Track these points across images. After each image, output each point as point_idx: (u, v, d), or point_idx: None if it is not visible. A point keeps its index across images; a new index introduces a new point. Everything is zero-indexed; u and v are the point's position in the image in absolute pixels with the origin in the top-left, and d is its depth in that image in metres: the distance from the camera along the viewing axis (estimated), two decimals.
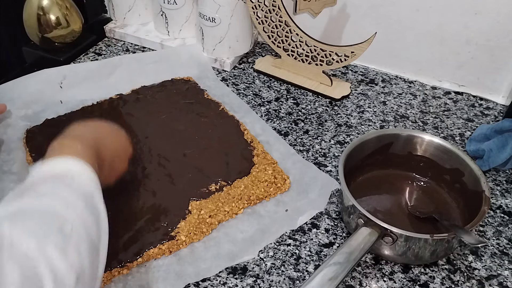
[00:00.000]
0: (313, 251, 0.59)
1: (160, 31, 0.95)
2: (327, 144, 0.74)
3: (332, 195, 0.65)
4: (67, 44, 0.91)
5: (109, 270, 0.54)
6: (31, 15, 0.86)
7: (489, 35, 0.78)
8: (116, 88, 0.81)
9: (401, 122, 0.79)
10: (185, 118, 0.76)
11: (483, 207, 0.54)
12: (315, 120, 0.78)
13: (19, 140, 0.71)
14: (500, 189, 0.67)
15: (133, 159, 0.68)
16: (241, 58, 0.92)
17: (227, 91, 0.83)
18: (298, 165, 0.69)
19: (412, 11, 0.81)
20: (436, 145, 0.64)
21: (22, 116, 0.75)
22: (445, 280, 0.56)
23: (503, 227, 0.62)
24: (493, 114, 0.81)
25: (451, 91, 0.85)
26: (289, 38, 0.82)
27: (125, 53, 0.93)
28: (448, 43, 0.81)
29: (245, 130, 0.73)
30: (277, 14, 0.80)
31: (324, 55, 0.81)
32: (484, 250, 0.59)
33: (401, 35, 0.84)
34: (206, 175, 0.66)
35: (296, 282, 0.55)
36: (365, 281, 0.56)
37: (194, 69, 0.87)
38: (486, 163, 0.68)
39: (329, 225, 0.62)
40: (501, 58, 0.79)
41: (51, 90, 0.80)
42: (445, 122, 0.79)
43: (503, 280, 0.56)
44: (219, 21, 0.84)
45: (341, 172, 0.58)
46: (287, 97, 0.83)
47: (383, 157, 0.66)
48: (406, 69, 0.88)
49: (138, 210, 0.61)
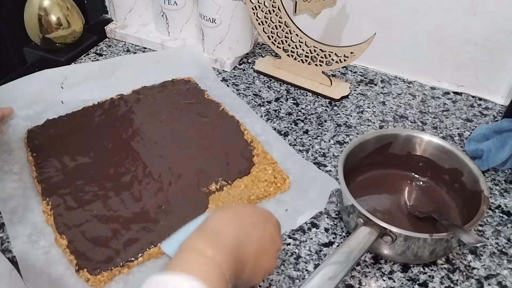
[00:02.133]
0: (313, 251, 0.59)
1: (161, 32, 0.96)
2: (327, 144, 0.74)
3: (331, 194, 0.65)
4: (68, 45, 0.91)
5: (110, 270, 0.54)
6: (32, 16, 0.86)
7: (488, 35, 0.78)
8: (117, 89, 0.82)
9: (400, 122, 0.79)
10: (186, 118, 0.76)
11: (482, 207, 0.55)
12: (315, 120, 0.79)
13: (20, 140, 0.72)
14: (499, 189, 0.68)
15: (134, 159, 0.68)
16: (241, 59, 0.92)
17: (227, 91, 0.83)
18: (298, 165, 0.69)
19: (411, 12, 0.81)
20: (435, 145, 0.64)
21: (23, 116, 0.76)
22: (444, 279, 0.56)
23: (502, 226, 0.62)
24: (492, 114, 0.81)
25: (450, 91, 0.86)
26: (289, 38, 0.82)
27: (126, 53, 0.94)
28: (447, 43, 0.82)
29: (245, 130, 0.73)
30: (277, 15, 0.81)
31: (324, 55, 0.81)
32: (483, 250, 0.59)
33: (400, 35, 0.84)
34: (206, 174, 0.66)
35: (296, 281, 0.56)
36: (365, 280, 0.56)
37: (195, 69, 0.87)
38: (485, 163, 0.68)
39: (329, 225, 0.62)
40: (500, 59, 0.79)
41: (52, 90, 0.80)
42: (444, 122, 0.79)
43: (502, 280, 0.56)
44: (220, 21, 0.84)
45: (341, 172, 0.58)
46: (287, 97, 0.83)
47: (382, 157, 0.66)
48: (405, 69, 0.88)
49: (139, 209, 0.61)
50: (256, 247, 0.46)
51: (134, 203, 0.62)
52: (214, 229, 0.44)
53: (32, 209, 0.62)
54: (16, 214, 0.61)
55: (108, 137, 0.72)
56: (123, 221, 0.60)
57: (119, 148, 0.70)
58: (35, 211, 0.62)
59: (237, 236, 0.44)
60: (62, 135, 0.72)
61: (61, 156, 0.68)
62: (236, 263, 0.42)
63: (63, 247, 0.57)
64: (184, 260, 0.40)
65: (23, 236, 0.59)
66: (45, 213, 0.61)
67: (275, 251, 0.49)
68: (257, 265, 0.46)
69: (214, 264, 0.40)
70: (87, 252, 0.56)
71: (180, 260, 0.40)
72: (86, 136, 0.72)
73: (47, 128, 0.73)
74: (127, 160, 0.68)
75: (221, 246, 0.41)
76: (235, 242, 0.43)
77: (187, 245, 0.42)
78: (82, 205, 0.61)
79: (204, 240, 0.42)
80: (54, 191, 0.63)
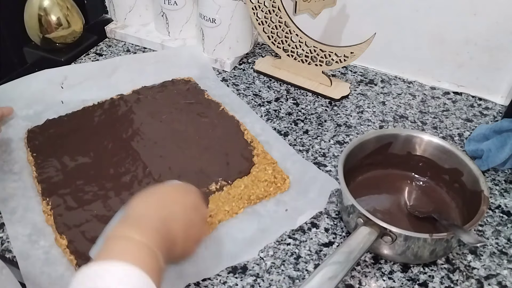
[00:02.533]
0: (313, 251, 0.59)
1: (161, 32, 0.96)
2: (327, 144, 0.74)
3: (331, 194, 0.65)
4: (68, 45, 0.91)
5: None
6: (32, 16, 0.86)
7: (488, 35, 0.78)
8: (117, 88, 0.82)
9: (400, 122, 0.79)
10: (186, 118, 0.76)
11: (482, 207, 0.55)
12: (315, 120, 0.79)
13: (20, 140, 0.72)
14: (499, 189, 0.68)
15: (134, 159, 0.68)
16: (241, 59, 0.92)
17: (227, 91, 0.83)
18: (297, 165, 0.69)
19: (412, 12, 0.81)
20: (435, 145, 0.64)
21: (23, 116, 0.76)
22: (444, 279, 0.56)
23: (502, 226, 0.62)
24: (492, 114, 0.81)
25: (450, 91, 0.86)
26: (289, 38, 0.82)
27: (126, 53, 0.94)
28: (447, 43, 0.82)
29: (245, 130, 0.73)
30: (277, 15, 0.81)
31: (324, 55, 0.81)
32: (483, 250, 0.59)
33: (401, 35, 0.84)
34: (206, 174, 0.66)
35: (296, 281, 0.56)
36: (365, 280, 0.56)
37: (195, 69, 0.88)
38: (485, 163, 0.68)
39: (329, 225, 0.62)
40: (500, 59, 0.79)
41: (52, 90, 0.80)
42: (444, 122, 0.79)
43: (502, 280, 0.56)
44: (220, 21, 0.84)
45: (341, 172, 0.58)
46: (287, 97, 0.83)
47: (382, 157, 0.66)
48: (405, 69, 0.88)
49: None
50: (181, 221, 0.47)
51: None
52: (136, 215, 0.44)
53: (32, 209, 0.62)
54: (16, 214, 0.61)
55: (108, 137, 0.72)
56: None
57: (119, 148, 0.70)
58: (35, 211, 0.62)
59: (160, 216, 0.44)
60: (62, 135, 0.72)
61: (61, 156, 0.68)
62: (165, 241, 0.42)
63: (63, 247, 0.57)
64: (113, 248, 0.40)
65: (23, 236, 0.59)
66: (45, 213, 0.61)
67: (201, 219, 0.51)
68: (187, 237, 0.47)
69: (144, 246, 0.40)
70: (87, 252, 0.56)
71: (108, 249, 0.40)
72: (86, 136, 0.72)
73: (47, 128, 0.73)
74: (127, 160, 0.68)
75: (147, 228, 0.42)
76: (159, 221, 0.44)
77: (112, 235, 0.41)
78: (82, 205, 0.61)
79: (128, 225, 0.42)
80: (54, 191, 0.63)
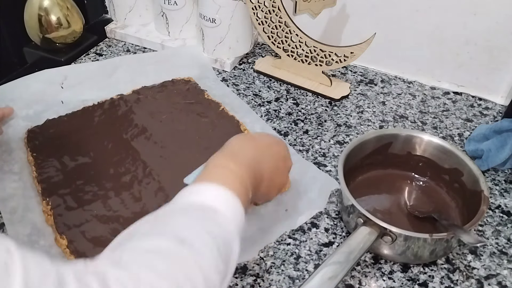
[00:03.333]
0: (313, 251, 0.59)
1: (161, 32, 0.96)
2: (327, 144, 0.74)
3: (331, 194, 0.65)
4: (68, 45, 0.91)
5: None
6: (32, 16, 0.86)
7: (488, 35, 0.78)
8: (117, 88, 0.82)
9: (400, 122, 0.79)
10: (186, 118, 0.76)
11: (482, 207, 0.55)
12: (315, 120, 0.79)
13: (20, 140, 0.72)
14: (499, 189, 0.68)
15: (134, 159, 0.68)
16: (241, 59, 0.92)
17: (227, 91, 0.83)
18: (297, 165, 0.69)
19: (412, 12, 0.81)
20: (435, 145, 0.64)
21: (23, 116, 0.76)
22: (444, 279, 0.56)
23: (502, 226, 0.62)
24: (492, 114, 0.81)
25: (450, 91, 0.86)
26: (289, 38, 0.82)
27: (126, 53, 0.94)
28: (447, 43, 0.82)
29: (245, 130, 0.73)
30: (277, 15, 0.81)
31: (324, 55, 0.81)
32: (483, 250, 0.59)
33: (401, 35, 0.84)
34: None
35: (296, 281, 0.56)
36: (365, 280, 0.56)
37: (195, 69, 0.88)
38: (485, 163, 0.68)
39: (329, 225, 0.62)
40: (500, 59, 0.79)
41: (52, 90, 0.80)
42: (444, 122, 0.79)
43: (502, 280, 0.56)
44: (220, 21, 0.84)
45: (341, 172, 0.58)
46: (287, 97, 0.83)
47: (382, 157, 0.66)
48: (405, 69, 0.88)
49: (139, 209, 0.61)
50: (270, 164, 0.52)
51: (134, 203, 0.62)
52: (234, 150, 0.50)
53: (32, 209, 0.62)
54: (16, 214, 0.61)
55: (108, 137, 0.72)
56: (123, 221, 0.59)
57: (119, 148, 0.70)
58: (35, 211, 0.62)
59: (253, 155, 0.50)
60: (62, 135, 0.72)
61: (61, 156, 0.68)
62: (254, 178, 0.48)
63: (63, 247, 0.57)
64: (211, 173, 0.46)
65: (23, 236, 0.59)
66: (45, 213, 0.61)
67: (286, 169, 0.57)
68: (271, 181, 0.53)
69: (237, 175, 0.46)
70: (87, 252, 0.56)
71: (208, 174, 0.46)
72: (86, 136, 0.72)
73: (47, 128, 0.73)
74: (127, 160, 0.68)
75: (241, 162, 0.47)
76: (252, 159, 0.49)
77: (212, 163, 0.48)
78: (82, 205, 0.61)
79: (227, 157, 0.48)
80: (54, 191, 0.63)
